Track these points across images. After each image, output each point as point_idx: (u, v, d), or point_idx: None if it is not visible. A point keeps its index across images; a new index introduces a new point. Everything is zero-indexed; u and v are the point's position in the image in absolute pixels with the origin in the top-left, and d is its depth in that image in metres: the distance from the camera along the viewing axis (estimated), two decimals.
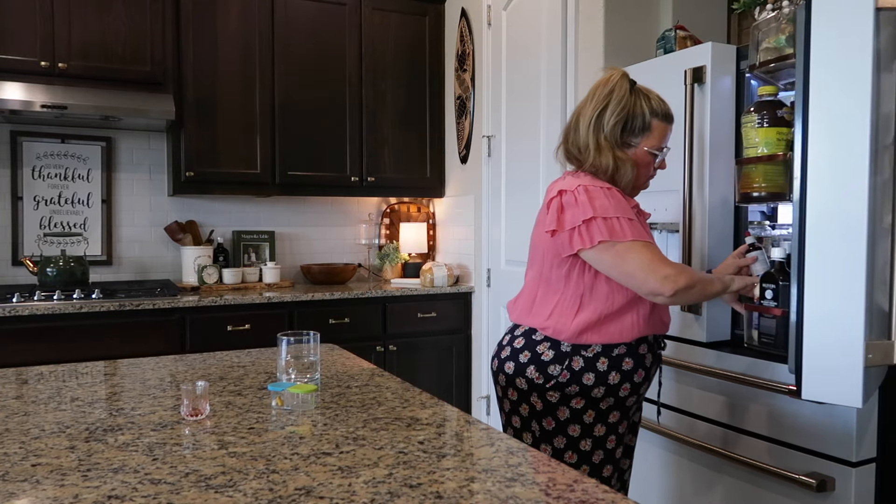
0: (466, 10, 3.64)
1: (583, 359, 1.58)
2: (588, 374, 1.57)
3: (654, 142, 1.64)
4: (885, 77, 1.53)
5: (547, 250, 1.62)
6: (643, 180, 1.70)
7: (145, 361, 1.75)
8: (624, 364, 1.60)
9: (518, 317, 1.69)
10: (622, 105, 1.61)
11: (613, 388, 1.59)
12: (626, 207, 1.57)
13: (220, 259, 3.58)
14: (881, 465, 1.74)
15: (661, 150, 1.65)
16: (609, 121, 1.60)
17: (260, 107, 3.46)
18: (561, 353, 1.58)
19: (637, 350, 1.62)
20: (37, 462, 1.01)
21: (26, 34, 2.99)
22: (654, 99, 1.64)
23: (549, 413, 1.59)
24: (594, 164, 1.61)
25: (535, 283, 1.67)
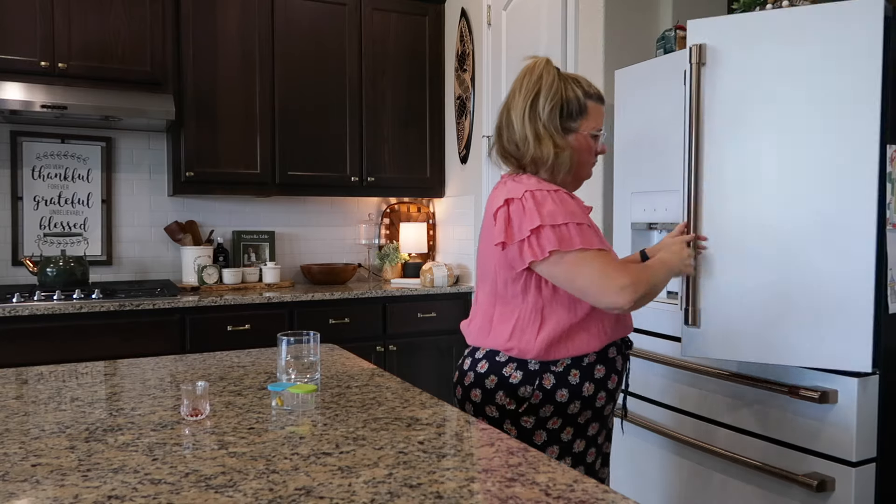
0: (466, 10, 3.64)
1: (553, 375, 1.46)
2: (561, 391, 1.46)
3: (592, 124, 1.55)
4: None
5: (499, 265, 1.50)
6: (586, 169, 1.59)
7: (145, 361, 1.75)
8: (596, 372, 1.49)
9: (476, 339, 1.57)
10: (554, 89, 1.51)
11: (589, 399, 1.49)
12: (576, 210, 1.47)
13: (220, 259, 3.58)
14: (881, 465, 1.75)
15: (600, 132, 1.57)
16: (544, 107, 1.50)
17: (260, 107, 3.46)
18: (529, 373, 1.46)
19: (607, 355, 1.51)
20: (37, 462, 1.01)
21: (26, 34, 2.99)
22: (584, 81, 1.57)
23: (525, 439, 1.48)
24: (534, 156, 1.51)
25: (490, 300, 1.55)
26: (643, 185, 2.35)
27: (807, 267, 1.81)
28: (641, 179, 2.36)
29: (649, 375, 2.28)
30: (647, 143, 2.33)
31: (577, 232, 1.42)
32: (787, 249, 1.86)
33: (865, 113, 1.69)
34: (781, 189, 1.88)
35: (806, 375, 1.80)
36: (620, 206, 2.46)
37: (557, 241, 1.40)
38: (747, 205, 1.98)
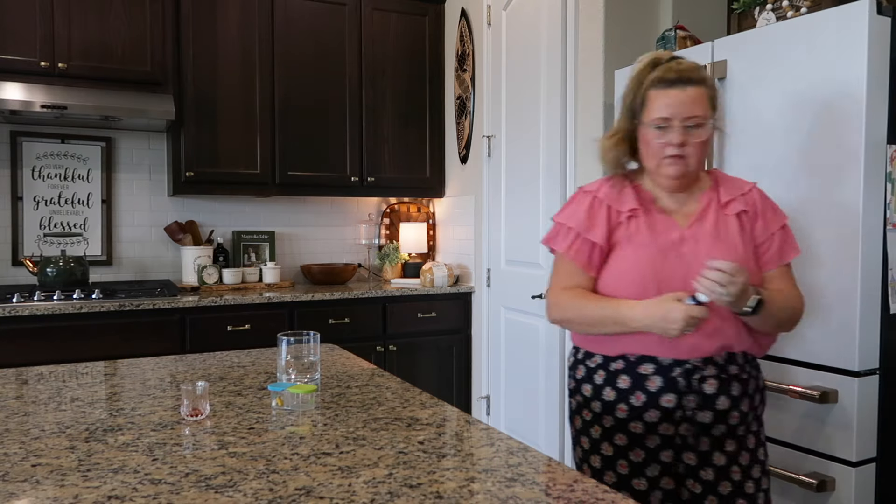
0: (466, 10, 3.64)
1: (586, 368, 1.52)
2: (586, 385, 1.51)
3: (651, 114, 1.45)
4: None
5: None
6: (652, 162, 1.47)
7: (145, 361, 1.75)
8: (619, 381, 1.45)
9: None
10: (629, 85, 1.52)
11: (609, 405, 1.46)
12: (581, 216, 1.50)
13: (220, 259, 3.58)
14: (881, 465, 1.74)
15: (658, 121, 1.44)
16: (618, 106, 1.58)
17: (260, 107, 3.46)
18: (576, 360, 1.57)
19: (636, 369, 1.44)
20: (37, 462, 1.01)
21: (26, 34, 2.99)
22: (666, 67, 1.46)
23: (574, 416, 1.58)
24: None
25: None
26: None
27: (807, 266, 1.81)
28: None
29: None
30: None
31: (565, 236, 1.52)
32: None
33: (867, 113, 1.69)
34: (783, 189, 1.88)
35: (806, 375, 1.80)
36: None
37: (549, 237, 1.57)
38: None
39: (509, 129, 3.29)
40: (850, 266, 1.71)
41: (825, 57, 1.77)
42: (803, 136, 1.82)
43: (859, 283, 1.70)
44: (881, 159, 1.72)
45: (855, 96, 1.70)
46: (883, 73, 1.71)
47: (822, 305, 1.77)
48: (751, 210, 1.49)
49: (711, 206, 1.50)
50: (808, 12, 1.95)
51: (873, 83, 1.69)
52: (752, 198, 1.51)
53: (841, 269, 1.73)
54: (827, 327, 1.76)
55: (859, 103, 1.69)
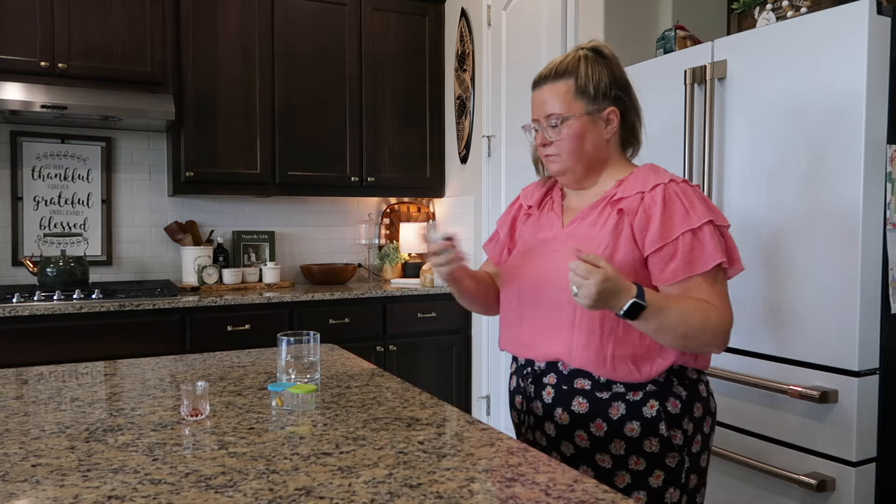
0: (466, 10, 3.64)
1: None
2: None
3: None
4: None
5: None
6: (544, 160, 1.44)
7: (145, 362, 1.75)
8: (510, 380, 1.52)
9: None
10: None
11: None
12: (506, 213, 1.60)
13: (220, 259, 3.58)
14: (881, 465, 1.74)
15: (529, 125, 1.43)
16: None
17: (260, 107, 3.46)
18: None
19: (512, 367, 1.51)
20: (37, 462, 1.01)
21: (26, 34, 2.99)
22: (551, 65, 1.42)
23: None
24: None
25: None
26: None
27: (807, 266, 1.81)
28: None
29: None
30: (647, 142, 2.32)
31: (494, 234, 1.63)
32: (789, 248, 1.86)
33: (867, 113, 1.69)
34: (783, 189, 1.88)
35: (806, 375, 1.80)
36: None
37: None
38: (750, 204, 1.98)
39: (509, 129, 3.29)
40: (850, 266, 1.71)
41: (825, 57, 1.77)
42: (803, 136, 1.82)
43: (859, 283, 1.70)
44: (881, 159, 1.72)
45: (855, 96, 1.70)
46: (883, 73, 1.71)
47: (822, 305, 1.77)
48: (640, 210, 1.30)
49: (602, 202, 1.37)
50: (808, 12, 1.95)
51: (873, 83, 1.69)
52: (652, 196, 1.30)
53: (841, 268, 1.73)
54: (827, 327, 1.76)
55: (859, 103, 1.69)
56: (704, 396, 1.37)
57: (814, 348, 1.79)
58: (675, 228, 1.26)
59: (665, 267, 1.27)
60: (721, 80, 2.04)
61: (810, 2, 1.99)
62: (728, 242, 1.32)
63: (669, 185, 1.30)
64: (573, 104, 1.35)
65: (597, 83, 1.36)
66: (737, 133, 2.01)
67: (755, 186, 1.95)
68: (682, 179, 1.33)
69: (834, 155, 1.75)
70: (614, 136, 1.40)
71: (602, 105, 1.36)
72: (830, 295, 1.75)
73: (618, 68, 1.40)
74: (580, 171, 1.40)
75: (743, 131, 1.99)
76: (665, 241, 1.26)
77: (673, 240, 1.26)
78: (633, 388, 1.30)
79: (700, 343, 1.26)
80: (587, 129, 1.36)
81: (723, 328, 1.25)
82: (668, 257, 1.27)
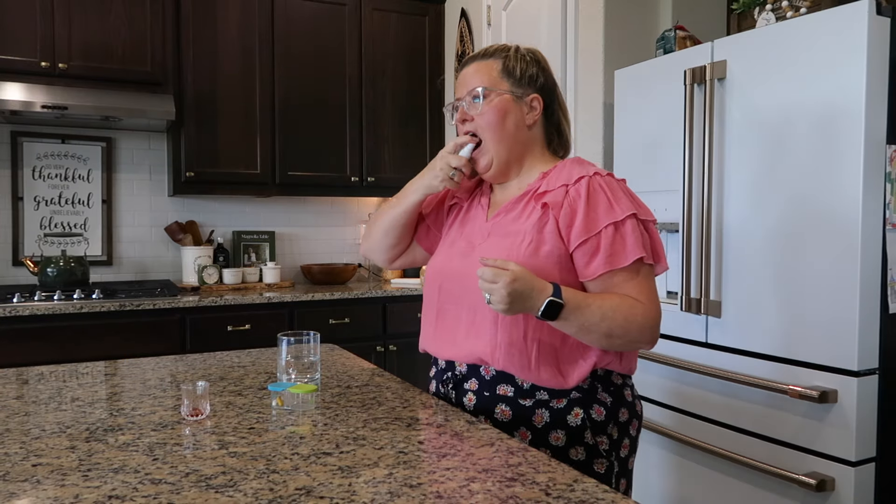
0: (466, 10, 3.64)
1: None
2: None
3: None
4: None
5: None
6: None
7: (145, 361, 1.75)
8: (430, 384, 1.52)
9: None
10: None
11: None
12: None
13: (220, 259, 3.58)
14: (881, 465, 1.75)
15: (449, 107, 1.43)
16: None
17: (260, 107, 3.46)
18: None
19: (432, 368, 1.50)
20: (37, 462, 1.01)
21: (26, 35, 2.99)
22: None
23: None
24: None
25: None
26: (643, 185, 2.35)
27: (808, 266, 1.81)
28: (641, 179, 2.36)
29: (648, 375, 2.28)
30: (647, 142, 2.33)
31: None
32: (789, 248, 1.86)
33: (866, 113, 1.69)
34: (783, 189, 1.88)
35: (806, 375, 1.80)
36: None
37: None
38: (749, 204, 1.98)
39: None
40: (850, 266, 1.71)
41: (825, 57, 1.77)
42: (803, 137, 1.83)
43: (859, 283, 1.70)
44: (881, 159, 1.72)
45: (854, 96, 1.70)
46: (882, 74, 1.71)
47: (822, 305, 1.77)
48: (564, 203, 1.26)
49: (526, 196, 1.33)
50: (807, 12, 1.95)
51: (873, 83, 1.69)
52: (575, 189, 1.26)
53: (841, 268, 1.73)
54: (827, 327, 1.76)
55: (859, 103, 1.69)
56: (630, 401, 1.33)
57: (813, 348, 1.79)
58: (599, 221, 1.23)
59: (589, 261, 1.24)
60: (721, 80, 2.04)
61: (810, 2, 1.99)
62: (653, 237, 1.28)
63: (594, 178, 1.27)
64: (498, 82, 1.34)
65: (524, 68, 1.35)
66: (736, 133, 2.01)
67: (755, 186, 1.95)
68: (606, 172, 1.30)
69: (833, 155, 1.75)
70: (537, 126, 1.38)
71: (527, 90, 1.35)
72: (830, 295, 1.75)
73: (546, 71, 1.40)
74: (503, 157, 1.35)
75: (742, 131, 1.99)
76: (588, 235, 1.23)
77: (596, 233, 1.23)
78: (556, 395, 1.26)
79: (627, 340, 1.22)
80: (509, 107, 1.33)
81: (649, 324, 1.22)
82: (592, 251, 1.23)
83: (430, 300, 1.44)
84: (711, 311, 2.06)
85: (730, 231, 2.02)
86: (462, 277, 1.33)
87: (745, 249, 1.97)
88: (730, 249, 2.03)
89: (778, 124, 1.89)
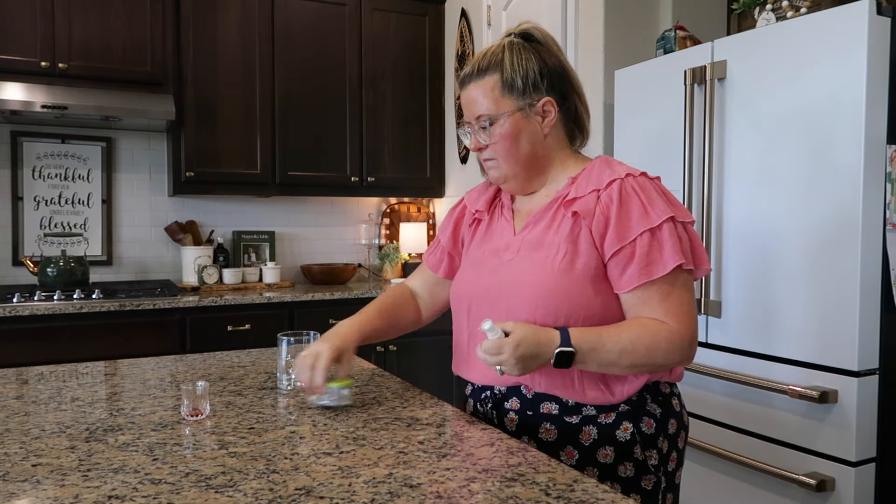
0: (466, 10, 3.64)
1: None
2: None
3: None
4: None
5: None
6: (483, 164, 1.34)
7: (145, 361, 1.75)
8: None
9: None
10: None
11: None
12: (447, 218, 1.48)
13: (220, 259, 3.58)
14: (881, 465, 1.75)
15: (463, 125, 1.31)
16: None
17: (260, 107, 3.46)
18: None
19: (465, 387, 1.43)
20: (37, 462, 1.01)
21: (26, 34, 2.99)
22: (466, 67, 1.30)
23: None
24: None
25: None
26: None
27: (808, 266, 1.81)
28: None
29: None
30: (647, 142, 2.33)
31: (433, 242, 1.52)
32: (789, 248, 1.86)
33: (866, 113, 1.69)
34: (782, 189, 1.88)
35: (806, 375, 1.80)
36: None
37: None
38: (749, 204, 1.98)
39: None
40: (850, 266, 1.71)
41: (825, 57, 1.77)
42: (803, 137, 1.83)
43: (859, 283, 1.70)
44: (881, 159, 1.72)
45: (855, 96, 1.70)
46: (883, 73, 1.71)
47: (823, 305, 1.77)
48: (596, 210, 1.18)
49: (555, 204, 1.25)
50: (807, 12, 1.95)
51: (873, 83, 1.69)
52: (607, 195, 1.18)
53: (841, 268, 1.73)
54: (827, 327, 1.76)
55: (859, 103, 1.69)
56: (678, 411, 1.26)
57: (814, 348, 1.79)
58: (633, 229, 1.15)
59: (623, 272, 1.16)
60: (721, 80, 2.04)
61: (810, 2, 1.99)
62: (693, 239, 1.19)
63: (626, 180, 1.18)
64: (501, 101, 1.23)
65: (524, 74, 1.23)
66: (736, 133, 2.01)
67: (755, 186, 1.95)
68: (639, 172, 1.20)
69: (834, 155, 1.75)
70: (556, 130, 1.27)
71: (534, 97, 1.23)
72: (830, 295, 1.75)
73: (549, 53, 1.28)
74: (522, 175, 1.27)
75: (743, 131, 1.99)
76: (623, 244, 1.15)
77: (630, 241, 1.14)
78: (604, 409, 1.19)
79: (654, 367, 1.15)
80: (521, 126, 1.23)
81: (676, 346, 1.14)
82: (626, 261, 1.15)
83: (459, 324, 1.36)
84: (711, 311, 2.06)
85: (730, 231, 2.02)
86: (495, 296, 1.25)
87: (746, 249, 1.97)
88: (730, 249, 2.03)
89: (778, 124, 1.89)
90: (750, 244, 1.96)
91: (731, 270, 2.02)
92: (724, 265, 2.03)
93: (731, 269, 2.02)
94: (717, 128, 2.05)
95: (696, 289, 2.09)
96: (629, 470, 1.19)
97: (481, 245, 1.35)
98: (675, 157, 2.20)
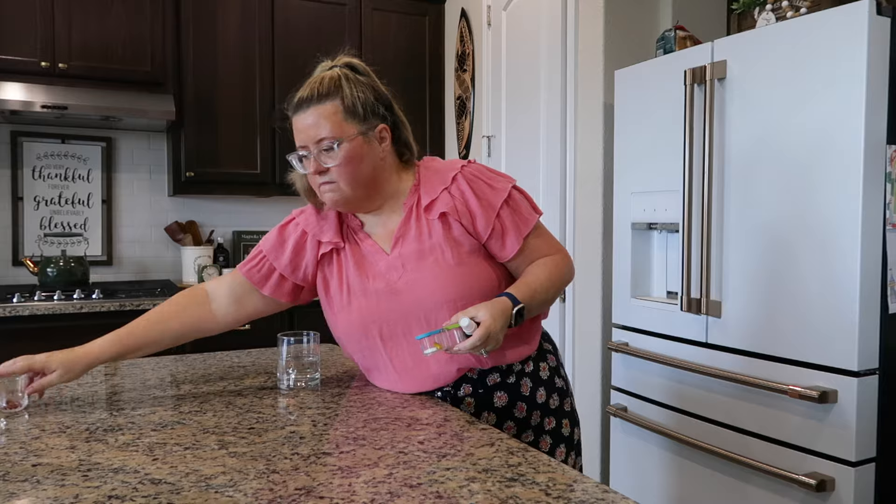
0: (466, 10, 3.64)
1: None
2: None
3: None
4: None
5: None
6: (318, 189, 1.37)
7: (145, 362, 1.75)
8: None
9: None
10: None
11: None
12: (278, 240, 1.47)
13: (220, 259, 3.58)
14: (881, 465, 1.75)
15: (296, 154, 1.38)
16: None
17: (260, 107, 3.46)
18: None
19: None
20: (37, 462, 1.01)
21: (27, 35, 2.99)
22: (297, 91, 1.37)
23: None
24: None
25: None
26: (643, 185, 2.35)
27: (808, 266, 1.81)
28: (641, 179, 2.36)
29: (648, 375, 2.28)
30: (647, 143, 2.33)
31: (251, 257, 1.52)
32: (789, 248, 1.86)
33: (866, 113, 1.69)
34: (782, 189, 1.88)
35: (805, 375, 1.80)
36: (620, 206, 2.46)
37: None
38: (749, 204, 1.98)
39: (509, 129, 3.29)
40: (850, 266, 1.71)
41: (825, 57, 1.77)
42: (802, 137, 1.83)
43: (859, 283, 1.70)
44: (881, 160, 1.72)
45: (854, 96, 1.70)
46: (882, 74, 1.71)
47: (822, 305, 1.77)
48: (459, 207, 1.31)
49: (412, 214, 1.34)
50: (807, 13, 1.95)
51: (873, 83, 1.69)
52: (457, 188, 1.32)
53: (840, 268, 1.73)
54: (827, 327, 1.76)
55: (859, 103, 1.69)
56: (546, 332, 1.48)
57: (813, 348, 1.79)
58: (493, 207, 1.31)
59: (503, 244, 1.33)
60: (721, 80, 2.04)
61: (810, 2, 1.99)
62: (526, 195, 1.39)
63: (464, 171, 1.34)
64: (344, 126, 1.29)
65: (363, 102, 1.32)
66: (736, 133, 2.01)
67: (755, 186, 1.95)
68: (466, 161, 1.38)
69: (833, 155, 1.75)
70: (390, 154, 1.36)
71: (372, 123, 1.32)
72: (830, 295, 1.75)
73: (377, 84, 1.39)
74: (362, 195, 1.33)
75: (742, 131, 1.99)
76: (491, 224, 1.31)
77: (497, 218, 1.31)
78: (526, 360, 1.39)
79: (564, 287, 1.42)
80: (363, 150, 1.30)
81: (570, 266, 1.41)
82: (501, 234, 1.32)
83: (372, 349, 1.39)
84: (711, 311, 2.06)
85: (730, 231, 2.02)
86: (404, 316, 1.32)
87: (746, 249, 1.97)
88: (730, 249, 2.03)
89: (778, 124, 1.89)
90: (750, 244, 1.96)
91: (730, 270, 2.02)
92: (724, 265, 2.03)
93: (731, 269, 2.02)
94: (717, 128, 2.05)
95: (696, 289, 2.09)
96: (555, 401, 1.41)
97: (359, 273, 1.37)
98: (675, 157, 2.20)
